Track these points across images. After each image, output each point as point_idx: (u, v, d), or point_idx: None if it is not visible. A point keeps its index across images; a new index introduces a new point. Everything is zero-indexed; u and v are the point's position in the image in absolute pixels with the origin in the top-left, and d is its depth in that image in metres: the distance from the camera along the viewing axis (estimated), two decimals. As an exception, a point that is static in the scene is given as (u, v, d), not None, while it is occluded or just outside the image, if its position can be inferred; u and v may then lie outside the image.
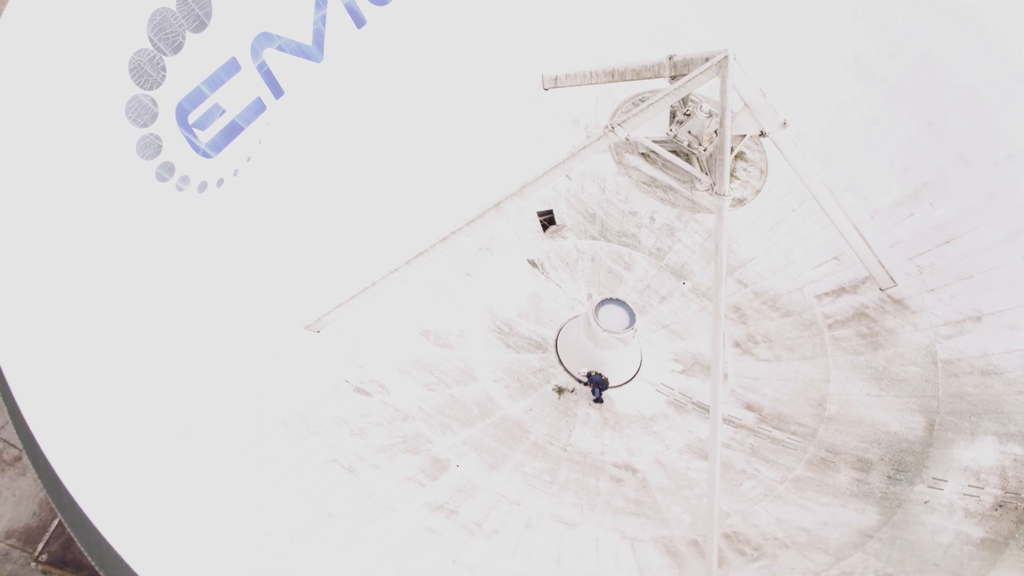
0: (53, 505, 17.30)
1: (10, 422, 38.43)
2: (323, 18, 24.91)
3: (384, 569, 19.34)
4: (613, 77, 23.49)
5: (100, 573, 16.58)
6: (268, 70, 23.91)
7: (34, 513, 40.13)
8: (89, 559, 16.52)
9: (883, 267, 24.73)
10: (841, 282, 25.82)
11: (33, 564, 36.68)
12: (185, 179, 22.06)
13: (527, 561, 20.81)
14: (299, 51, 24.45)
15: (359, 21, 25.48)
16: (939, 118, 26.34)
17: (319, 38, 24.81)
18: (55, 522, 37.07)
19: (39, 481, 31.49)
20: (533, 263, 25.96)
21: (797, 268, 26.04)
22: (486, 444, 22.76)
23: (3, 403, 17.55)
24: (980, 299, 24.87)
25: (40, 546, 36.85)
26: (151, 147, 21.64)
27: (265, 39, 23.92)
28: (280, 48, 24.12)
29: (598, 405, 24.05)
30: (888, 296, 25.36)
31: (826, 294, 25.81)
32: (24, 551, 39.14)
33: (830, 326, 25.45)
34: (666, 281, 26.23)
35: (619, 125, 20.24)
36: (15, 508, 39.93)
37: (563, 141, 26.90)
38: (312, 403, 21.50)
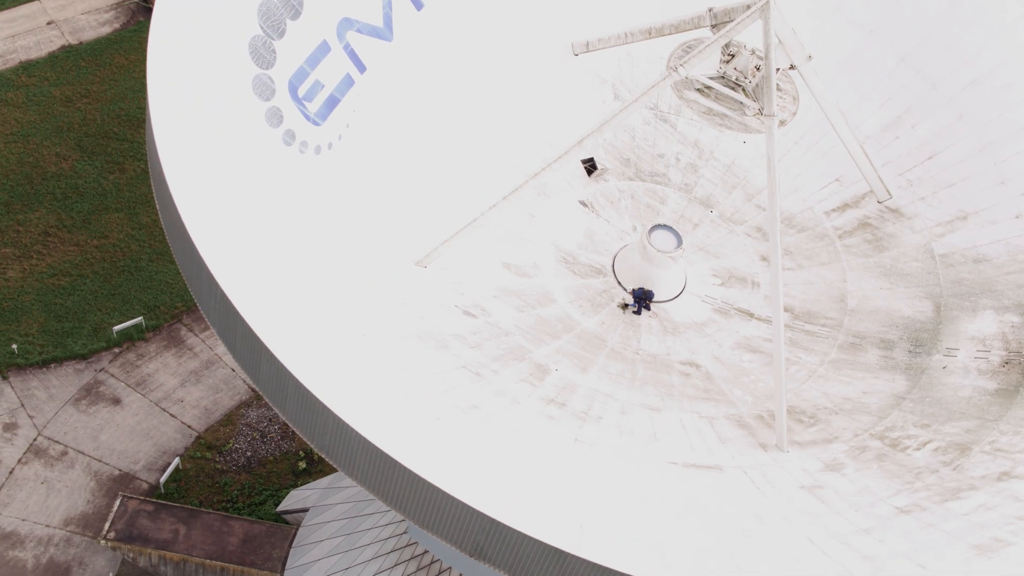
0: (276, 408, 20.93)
1: (54, 419, 41.46)
2: (389, 3, 28.76)
3: (521, 445, 23.26)
4: (650, 35, 27.72)
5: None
6: (352, 49, 27.69)
7: (88, 501, 43.16)
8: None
9: (882, 181, 29.24)
10: (844, 199, 30.30)
11: (103, 542, 39.61)
12: (304, 144, 25.76)
13: (631, 439, 24.85)
14: (374, 32, 28.25)
15: (418, 5, 29.37)
16: (911, 53, 31.01)
17: (388, 21, 28.65)
18: (117, 502, 39.78)
19: (89, 471, 35.63)
20: (584, 203, 30.01)
21: (805, 191, 30.44)
22: (574, 352, 26.72)
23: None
24: (964, 202, 29.53)
25: (107, 525, 39.68)
26: (275, 117, 25.32)
27: (347, 23, 27.70)
28: (359, 31, 27.92)
29: (636, 314, 28.13)
30: (886, 207, 29.89)
31: (833, 210, 30.27)
32: (84, 535, 42.10)
33: (840, 236, 29.89)
34: (696, 211, 30.47)
35: (681, 65, 24.42)
36: (69, 498, 42.88)
37: (594, 98, 31.01)
38: (435, 322, 25.33)
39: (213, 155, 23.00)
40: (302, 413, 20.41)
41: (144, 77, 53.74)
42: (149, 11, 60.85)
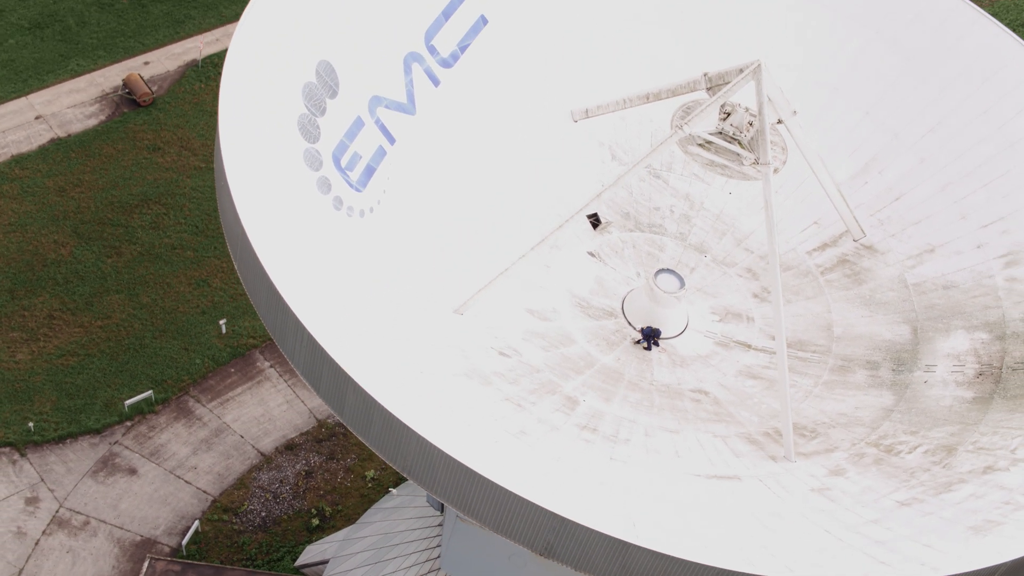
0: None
1: (74, 491, 43.81)
2: (411, 82, 32.05)
3: (565, 466, 26.25)
4: (648, 99, 31.16)
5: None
6: (382, 124, 30.92)
7: (113, 567, 45.57)
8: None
9: (857, 222, 32.77)
10: (823, 239, 33.80)
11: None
12: (351, 208, 28.87)
13: (658, 456, 27.94)
14: (400, 108, 31.52)
15: (435, 81, 32.68)
16: (872, 107, 34.76)
17: (411, 97, 31.94)
18: (145, 564, 42.10)
19: (112, 538, 37.78)
20: (592, 253, 33.25)
21: (788, 234, 33.86)
22: (597, 385, 29.82)
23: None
24: (930, 236, 33.15)
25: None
26: (325, 185, 28.42)
27: (376, 100, 30.97)
28: (387, 106, 31.18)
29: (646, 350, 31.29)
30: (861, 245, 33.40)
31: (814, 250, 33.74)
32: (112, 599, 44.28)
33: (822, 272, 33.34)
34: (692, 256, 33.79)
35: (685, 124, 27.86)
36: (95, 565, 45.26)
37: (594, 159, 34.41)
38: (477, 362, 28.36)
39: (281, 220, 25.99)
40: (386, 438, 23.28)
41: (131, 166, 56.77)
42: (132, 103, 63.95)
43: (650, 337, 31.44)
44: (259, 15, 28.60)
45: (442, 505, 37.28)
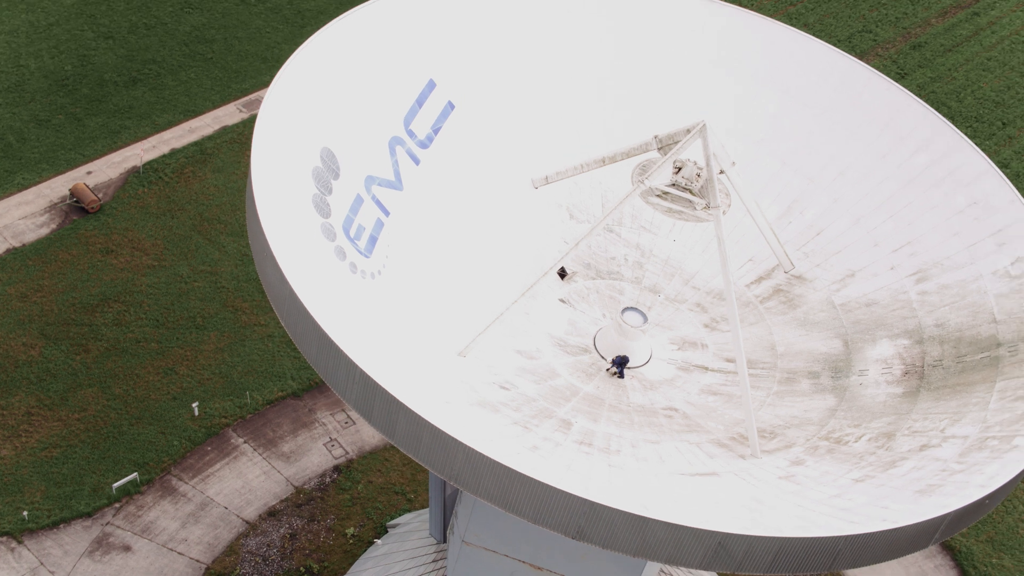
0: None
1: (73, 571, 47.08)
2: (396, 162, 36.84)
3: (573, 474, 30.85)
4: (604, 163, 36.29)
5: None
6: (377, 199, 35.59)
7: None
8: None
9: (787, 255, 38.16)
10: (759, 273, 39.12)
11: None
12: (363, 272, 33.41)
13: (646, 463, 32.68)
14: (390, 184, 36.24)
15: (416, 160, 37.51)
16: (789, 156, 40.36)
17: (397, 175, 36.70)
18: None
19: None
20: (562, 300, 38.12)
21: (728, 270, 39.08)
22: (584, 409, 34.54)
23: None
24: (850, 263, 38.66)
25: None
26: (340, 253, 32.95)
27: (370, 179, 35.67)
28: (379, 184, 35.88)
29: (619, 377, 36.11)
30: (792, 275, 38.78)
31: (752, 283, 39.02)
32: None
33: (761, 301, 38.60)
34: (647, 297, 38.84)
35: (645, 179, 33.02)
36: None
37: (555, 219, 39.43)
38: (484, 394, 32.94)
39: (316, 283, 30.38)
40: (435, 451, 27.69)
41: (88, 268, 60.84)
42: (81, 210, 67.65)
43: (621, 364, 36.24)
44: (271, 113, 33.11)
45: (444, 535, 41.61)
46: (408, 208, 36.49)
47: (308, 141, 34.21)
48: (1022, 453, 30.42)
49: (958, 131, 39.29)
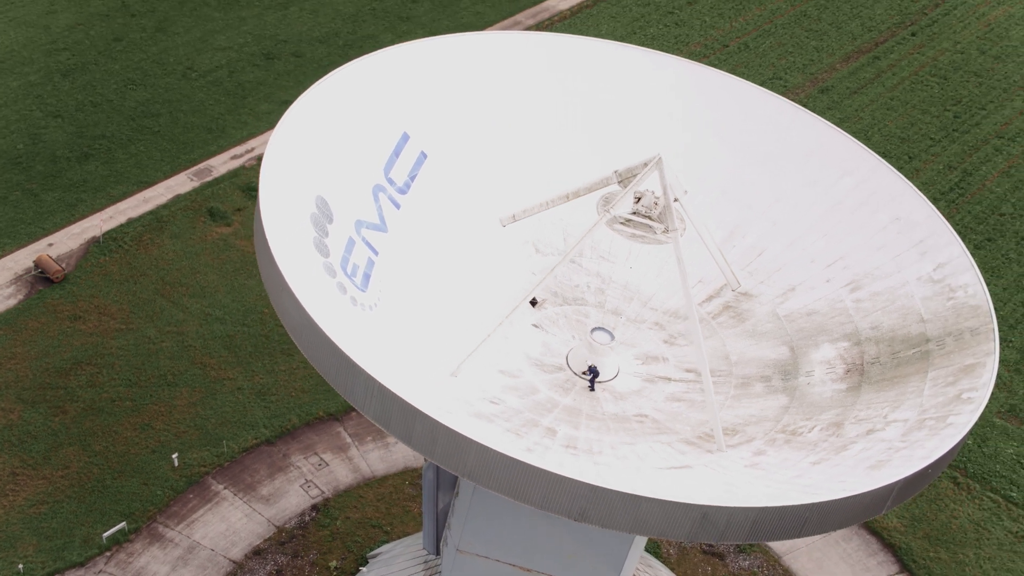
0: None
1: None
2: (380, 207, 40.72)
3: (568, 471, 34.65)
4: (568, 198, 40.45)
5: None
6: (367, 241, 39.41)
7: None
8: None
9: (734, 275, 42.51)
10: (709, 292, 43.42)
11: None
12: (363, 305, 37.14)
13: (626, 461, 36.59)
14: (376, 227, 40.08)
15: (396, 205, 41.41)
16: (728, 187, 44.85)
17: (382, 218, 40.55)
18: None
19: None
20: (535, 325, 42.09)
21: (680, 292, 43.33)
22: (565, 419, 38.42)
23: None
24: (790, 279, 43.10)
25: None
26: (341, 289, 36.68)
27: (360, 223, 39.49)
28: (367, 227, 39.71)
29: (591, 391, 40.09)
30: (739, 293, 43.12)
31: (703, 301, 43.30)
32: None
33: (712, 317, 42.87)
34: (610, 319, 42.94)
35: (610, 209, 37.20)
36: None
37: (522, 253, 43.48)
38: (478, 408, 36.73)
39: (327, 314, 34.02)
40: (449, 451, 31.38)
41: (57, 335, 64.12)
42: (47, 280, 70.45)
43: (594, 373, 40.17)
44: (271, 167, 36.75)
45: (437, 547, 45.10)
46: (394, 248, 40.30)
47: (304, 190, 37.94)
48: (956, 430, 34.76)
49: (877, 156, 44.09)
